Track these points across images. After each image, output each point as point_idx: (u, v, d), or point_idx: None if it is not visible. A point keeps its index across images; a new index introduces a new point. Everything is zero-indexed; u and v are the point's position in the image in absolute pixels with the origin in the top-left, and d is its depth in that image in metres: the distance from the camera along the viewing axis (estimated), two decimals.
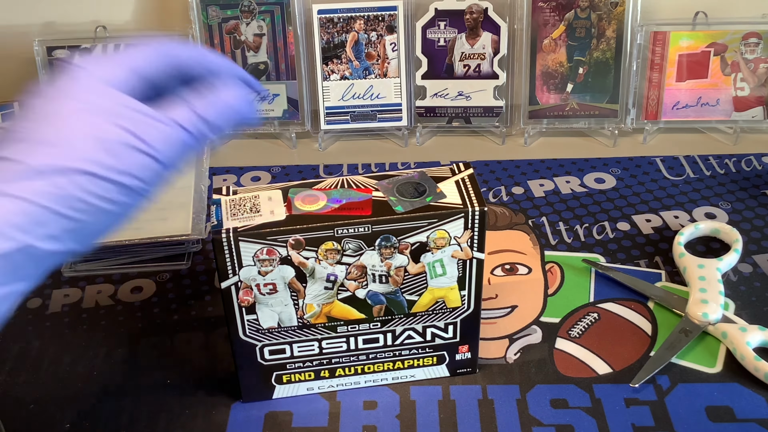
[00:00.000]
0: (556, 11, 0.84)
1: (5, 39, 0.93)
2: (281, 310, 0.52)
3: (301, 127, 0.89)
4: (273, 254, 0.49)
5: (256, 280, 0.50)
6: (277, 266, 0.49)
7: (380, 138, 0.90)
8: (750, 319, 0.61)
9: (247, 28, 0.86)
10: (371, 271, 0.51)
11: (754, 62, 0.84)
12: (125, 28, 0.92)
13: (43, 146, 0.35)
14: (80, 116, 0.37)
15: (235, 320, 0.52)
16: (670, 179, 0.81)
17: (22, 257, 0.35)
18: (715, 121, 0.87)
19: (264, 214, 0.49)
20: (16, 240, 0.34)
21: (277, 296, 0.51)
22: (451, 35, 0.86)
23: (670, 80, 0.85)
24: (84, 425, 0.56)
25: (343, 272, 0.51)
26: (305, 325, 0.53)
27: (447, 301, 0.54)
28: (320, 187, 0.51)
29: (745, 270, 0.67)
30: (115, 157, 0.36)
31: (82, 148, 0.36)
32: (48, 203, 0.35)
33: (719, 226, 0.71)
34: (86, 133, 0.36)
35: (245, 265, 0.49)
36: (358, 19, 0.85)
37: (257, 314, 0.52)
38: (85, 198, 0.36)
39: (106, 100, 0.37)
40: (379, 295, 0.52)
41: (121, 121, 0.37)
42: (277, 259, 0.49)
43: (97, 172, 0.35)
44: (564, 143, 0.88)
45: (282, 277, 0.50)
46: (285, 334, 0.53)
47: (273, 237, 0.48)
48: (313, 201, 0.50)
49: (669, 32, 0.84)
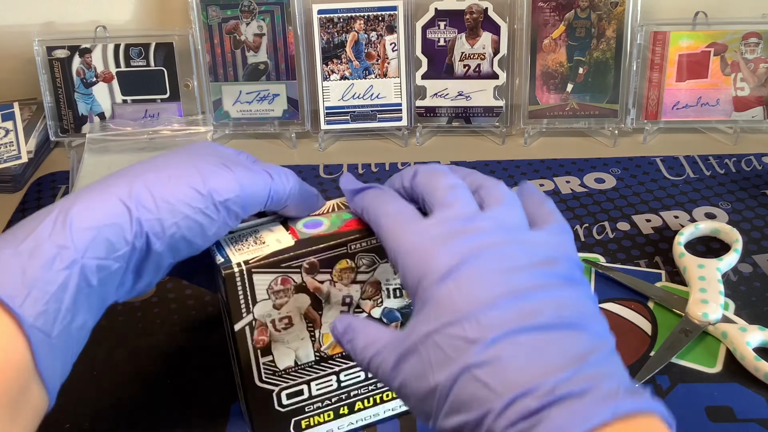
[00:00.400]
0: (556, 11, 0.84)
1: (5, 39, 0.93)
2: (298, 346, 0.49)
3: (301, 127, 0.89)
4: (288, 283, 0.46)
5: (271, 316, 0.46)
6: (292, 296, 0.46)
7: (380, 138, 0.90)
8: (750, 319, 0.61)
9: (247, 28, 0.86)
10: (386, 286, 0.49)
11: (754, 62, 0.84)
12: (125, 28, 0.92)
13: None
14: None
15: (250, 365, 0.48)
16: (670, 179, 0.81)
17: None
18: (715, 121, 0.87)
19: (270, 243, 0.46)
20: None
21: (293, 330, 0.48)
22: (451, 35, 0.86)
23: (670, 80, 0.85)
24: (84, 425, 0.56)
25: (358, 292, 0.48)
26: (323, 359, 0.50)
27: None
28: (318, 213, 0.49)
29: (745, 270, 0.67)
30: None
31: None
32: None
33: (719, 226, 0.71)
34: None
35: (260, 301, 0.46)
36: (358, 19, 0.85)
37: (273, 355, 0.48)
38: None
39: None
40: (394, 311, 0.50)
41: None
42: (291, 288, 0.46)
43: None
44: (564, 143, 0.88)
45: (297, 307, 0.47)
46: (303, 372, 0.50)
47: (287, 263, 0.45)
48: (316, 225, 0.48)
49: (669, 32, 0.84)
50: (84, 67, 0.87)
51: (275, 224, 0.48)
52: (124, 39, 0.87)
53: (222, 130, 0.90)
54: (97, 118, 0.89)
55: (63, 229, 0.39)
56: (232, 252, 0.45)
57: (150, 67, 0.87)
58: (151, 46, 0.87)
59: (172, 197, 0.42)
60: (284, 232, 0.47)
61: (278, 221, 0.48)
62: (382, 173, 0.83)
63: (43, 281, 0.37)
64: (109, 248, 0.40)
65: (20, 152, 0.86)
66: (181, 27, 0.87)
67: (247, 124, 0.90)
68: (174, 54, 0.87)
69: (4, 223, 0.78)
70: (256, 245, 0.46)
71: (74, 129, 0.89)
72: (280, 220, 0.48)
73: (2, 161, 0.84)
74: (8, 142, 0.86)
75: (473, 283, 0.37)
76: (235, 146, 0.91)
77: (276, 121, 0.89)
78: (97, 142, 0.84)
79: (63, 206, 0.40)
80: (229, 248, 0.46)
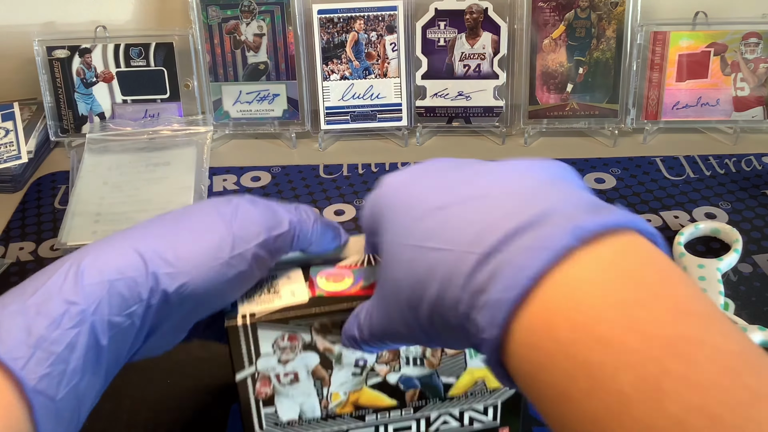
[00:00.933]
0: (556, 11, 0.84)
1: (5, 39, 0.93)
2: (303, 401, 0.45)
3: (301, 127, 0.89)
4: (295, 340, 0.42)
5: (276, 370, 0.43)
6: (300, 353, 0.43)
7: (380, 138, 0.90)
8: (750, 319, 0.61)
9: (247, 28, 0.86)
10: (405, 354, 0.45)
11: (754, 62, 0.84)
12: (125, 28, 0.92)
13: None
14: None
15: (250, 413, 0.45)
16: (670, 179, 0.81)
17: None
18: (715, 121, 0.87)
19: (284, 295, 0.42)
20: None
21: (299, 386, 0.45)
22: (451, 35, 0.86)
23: (670, 80, 0.85)
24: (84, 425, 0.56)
25: (373, 356, 0.45)
26: (330, 416, 0.47)
27: (488, 381, 0.47)
28: (344, 265, 0.45)
29: (745, 270, 0.67)
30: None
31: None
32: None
33: (719, 226, 0.71)
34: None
35: (263, 354, 0.42)
36: (358, 19, 0.85)
37: (276, 406, 0.45)
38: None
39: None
40: (412, 378, 0.46)
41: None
42: (299, 345, 0.43)
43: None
44: (564, 143, 0.88)
45: (305, 365, 0.44)
46: (307, 426, 0.47)
47: (297, 321, 0.41)
48: (338, 278, 0.44)
49: (669, 32, 0.84)
50: (84, 67, 0.87)
51: (295, 270, 0.44)
52: (124, 39, 0.87)
53: (222, 130, 0.90)
54: (97, 118, 0.89)
55: (74, 282, 0.37)
56: (241, 298, 0.42)
57: (150, 67, 0.87)
58: (151, 46, 0.87)
59: (193, 248, 0.39)
60: (301, 283, 0.43)
61: (299, 265, 0.45)
62: (382, 173, 0.83)
63: (49, 341, 0.35)
64: (122, 304, 0.37)
65: (20, 152, 0.86)
66: (181, 27, 0.87)
67: (247, 124, 0.90)
68: (174, 54, 0.87)
69: (4, 223, 0.78)
70: (269, 294, 0.42)
71: (74, 129, 0.89)
72: (301, 264, 0.45)
73: (2, 161, 0.84)
74: (8, 142, 0.86)
75: (415, 193, 0.35)
76: (235, 146, 0.92)
77: (276, 121, 0.89)
78: (97, 142, 0.84)
79: (76, 258, 0.38)
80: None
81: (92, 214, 0.74)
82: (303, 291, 0.42)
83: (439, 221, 0.32)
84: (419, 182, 0.36)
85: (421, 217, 0.33)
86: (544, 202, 0.30)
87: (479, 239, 0.30)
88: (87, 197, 0.76)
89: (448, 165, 0.37)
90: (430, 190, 0.35)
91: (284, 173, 0.84)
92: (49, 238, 0.75)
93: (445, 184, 0.35)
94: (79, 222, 0.73)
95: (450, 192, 0.34)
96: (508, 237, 0.29)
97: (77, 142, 0.89)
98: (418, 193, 0.35)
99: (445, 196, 0.33)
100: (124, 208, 0.75)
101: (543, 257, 0.28)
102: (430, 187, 0.35)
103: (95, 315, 0.36)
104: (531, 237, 0.28)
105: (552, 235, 0.28)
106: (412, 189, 0.36)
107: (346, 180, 0.82)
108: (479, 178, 0.34)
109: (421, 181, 0.36)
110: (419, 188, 0.35)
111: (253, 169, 0.85)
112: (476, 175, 0.35)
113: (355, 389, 0.46)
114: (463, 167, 0.36)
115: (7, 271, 0.71)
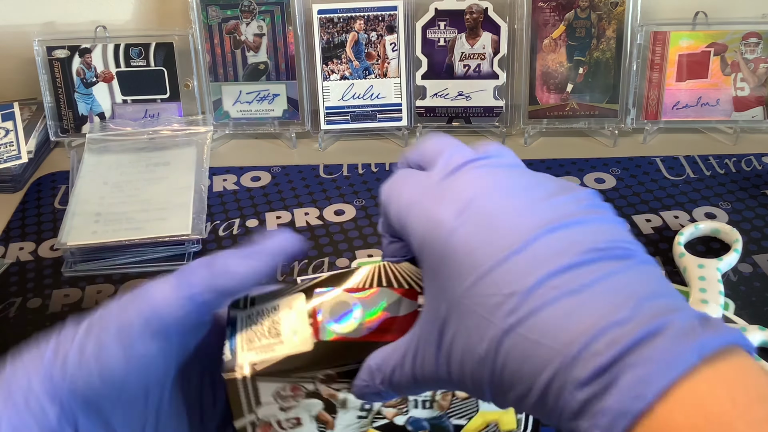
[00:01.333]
0: (556, 11, 0.84)
1: (5, 39, 0.93)
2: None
3: (301, 127, 0.89)
4: (298, 391, 0.39)
5: (276, 416, 0.40)
6: (303, 401, 0.40)
7: (380, 138, 0.90)
8: (750, 319, 0.61)
9: (247, 28, 0.86)
10: (413, 397, 0.43)
11: (754, 62, 0.84)
12: (125, 28, 0.92)
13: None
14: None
15: None
16: (670, 179, 0.81)
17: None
18: (715, 121, 0.87)
19: (286, 339, 0.38)
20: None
21: (302, 429, 0.42)
22: (451, 35, 0.86)
23: (670, 80, 0.85)
24: None
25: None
26: None
27: (500, 424, 0.45)
28: (353, 287, 0.39)
29: (745, 270, 0.67)
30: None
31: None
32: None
33: (719, 226, 0.71)
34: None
35: (264, 404, 0.39)
36: (358, 19, 0.85)
37: None
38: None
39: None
40: (421, 420, 0.44)
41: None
42: (303, 394, 0.39)
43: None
44: (564, 143, 0.88)
45: (308, 411, 0.41)
46: None
47: (299, 375, 0.38)
48: (345, 317, 0.39)
49: (669, 32, 0.84)
50: (84, 67, 0.87)
51: (297, 296, 0.40)
52: (124, 39, 0.87)
53: (222, 130, 0.90)
54: (97, 118, 0.89)
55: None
56: (242, 341, 0.38)
57: (150, 67, 0.87)
58: (151, 46, 0.87)
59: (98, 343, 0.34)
60: (304, 319, 0.39)
61: (300, 288, 0.40)
62: (382, 173, 0.83)
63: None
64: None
65: (20, 152, 0.86)
66: (181, 27, 0.87)
67: (247, 124, 0.90)
68: (174, 54, 0.87)
69: (4, 223, 0.78)
70: (269, 338, 0.38)
71: (74, 129, 0.89)
72: (303, 288, 0.40)
73: (2, 161, 0.84)
74: (8, 142, 0.86)
75: (489, 224, 0.31)
76: (235, 146, 0.92)
77: (276, 121, 0.89)
78: (97, 142, 0.84)
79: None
80: (241, 333, 0.39)
81: (92, 214, 0.74)
82: (306, 332, 0.38)
83: (531, 305, 0.29)
84: (498, 228, 0.31)
85: (509, 290, 0.29)
86: (651, 289, 0.29)
87: (590, 340, 0.28)
88: (87, 197, 0.76)
89: (516, 186, 0.33)
90: (508, 237, 0.30)
91: (284, 173, 0.84)
92: (49, 238, 0.75)
93: (522, 232, 0.30)
94: (79, 222, 0.73)
95: (536, 254, 0.30)
96: (626, 348, 0.27)
97: (77, 142, 0.89)
98: (495, 241, 0.30)
99: (531, 265, 0.30)
100: (124, 208, 0.75)
101: (670, 374, 0.27)
102: (508, 231, 0.31)
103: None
104: (653, 349, 0.27)
105: (676, 352, 0.27)
106: (488, 234, 0.31)
107: (346, 180, 0.82)
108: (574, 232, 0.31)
109: (500, 229, 0.31)
110: (497, 239, 0.30)
111: (253, 169, 0.85)
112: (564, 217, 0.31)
113: (361, 431, 0.43)
114: (536, 192, 0.32)
115: (7, 271, 0.71)
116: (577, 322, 0.28)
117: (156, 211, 0.74)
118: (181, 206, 0.74)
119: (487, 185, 0.32)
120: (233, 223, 0.76)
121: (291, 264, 0.70)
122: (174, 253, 0.72)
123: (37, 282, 0.70)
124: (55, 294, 0.68)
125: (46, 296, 0.68)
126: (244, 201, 0.80)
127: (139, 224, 0.73)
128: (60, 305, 0.67)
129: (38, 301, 0.67)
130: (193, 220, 0.73)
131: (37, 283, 0.70)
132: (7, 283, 0.70)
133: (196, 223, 0.72)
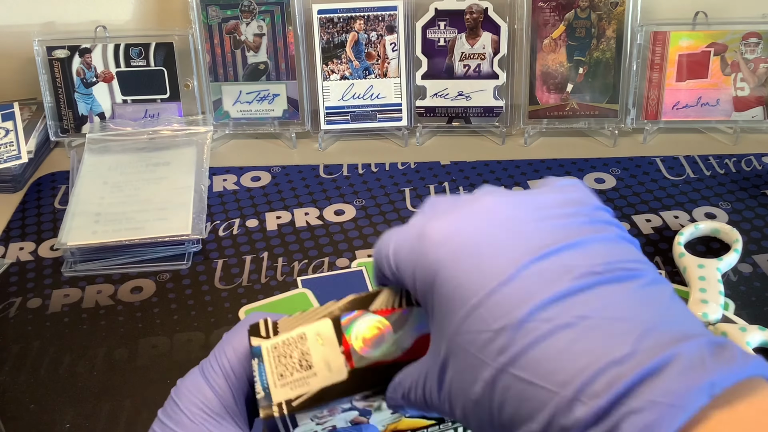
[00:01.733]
0: (556, 11, 0.84)
1: (5, 39, 0.93)
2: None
3: (301, 127, 0.89)
4: (335, 411, 0.38)
5: (313, 429, 0.40)
6: (339, 415, 0.39)
7: (380, 138, 0.90)
8: (750, 319, 0.61)
9: (247, 28, 0.86)
10: None
11: (754, 62, 0.84)
12: (125, 28, 0.92)
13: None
14: None
15: None
16: (670, 179, 0.81)
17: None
18: (715, 121, 0.87)
19: (319, 370, 0.37)
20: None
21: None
22: (451, 35, 0.86)
23: (670, 80, 0.85)
24: (84, 425, 0.56)
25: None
26: None
27: None
28: (379, 308, 0.38)
29: (745, 270, 0.67)
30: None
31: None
32: None
33: (719, 226, 0.71)
34: None
35: (301, 425, 0.38)
36: (358, 19, 0.85)
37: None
38: None
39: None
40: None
41: None
42: (339, 410, 0.38)
43: None
44: (564, 143, 0.88)
45: (344, 419, 0.40)
46: None
47: (336, 401, 0.37)
48: (376, 335, 0.37)
49: (669, 32, 0.84)
50: (84, 67, 0.87)
51: (324, 322, 0.38)
52: (124, 39, 0.87)
53: (222, 130, 0.90)
54: (97, 118, 0.89)
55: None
56: (273, 376, 0.37)
57: (150, 67, 0.87)
58: (151, 46, 0.87)
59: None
60: (335, 347, 0.37)
61: (324, 314, 0.38)
62: (382, 173, 0.83)
63: None
64: None
65: (20, 152, 0.86)
66: (181, 27, 0.87)
67: (247, 124, 0.90)
68: (174, 54, 0.87)
69: (4, 223, 0.78)
70: (301, 370, 0.37)
71: (74, 129, 0.89)
72: (330, 315, 0.38)
73: (2, 161, 0.84)
74: (8, 142, 0.86)
75: (475, 252, 0.29)
76: (235, 146, 0.92)
77: (276, 121, 0.89)
78: (97, 142, 0.84)
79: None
80: (270, 367, 0.37)
81: (92, 214, 0.74)
82: (339, 361, 0.37)
83: (524, 341, 0.27)
84: (484, 258, 0.29)
85: (498, 325, 0.28)
86: (659, 315, 0.27)
87: (587, 380, 0.26)
88: (87, 197, 0.76)
89: (506, 225, 0.31)
90: (495, 267, 0.29)
91: (284, 173, 0.84)
92: (49, 238, 0.75)
93: (512, 264, 0.29)
94: (79, 222, 0.73)
95: (530, 288, 0.28)
96: (626, 389, 0.25)
97: (77, 142, 0.89)
98: (482, 272, 0.29)
99: (520, 296, 0.28)
100: (124, 208, 0.75)
101: (676, 420, 0.24)
102: (494, 261, 0.29)
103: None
104: (656, 390, 0.25)
105: (683, 393, 0.24)
106: (474, 265, 0.29)
107: (346, 180, 0.82)
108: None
109: (486, 259, 0.29)
110: (484, 270, 0.29)
111: (253, 169, 0.85)
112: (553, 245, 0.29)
113: (394, 422, 0.43)
114: (525, 227, 0.30)
115: (7, 271, 0.71)
116: (572, 360, 0.26)
117: (156, 211, 0.74)
118: (181, 206, 0.74)
119: (469, 214, 0.31)
120: (233, 223, 0.76)
121: (291, 264, 0.70)
122: (174, 253, 0.72)
123: (37, 282, 0.70)
124: (55, 294, 0.68)
125: (46, 296, 0.68)
126: (244, 201, 0.80)
127: (139, 224, 0.73)
128: (60, 305, 0.67)
129: (38, 301, 0.67)
130: (193, 220, 0.73)
131: (37, 283, 0.70)
132: (7, 283, 0.70)
133: (196, 223, 0.72)
